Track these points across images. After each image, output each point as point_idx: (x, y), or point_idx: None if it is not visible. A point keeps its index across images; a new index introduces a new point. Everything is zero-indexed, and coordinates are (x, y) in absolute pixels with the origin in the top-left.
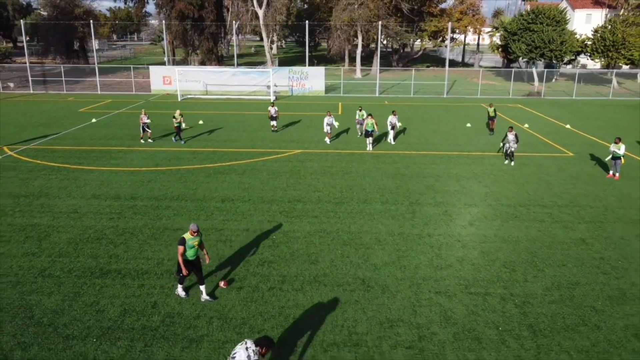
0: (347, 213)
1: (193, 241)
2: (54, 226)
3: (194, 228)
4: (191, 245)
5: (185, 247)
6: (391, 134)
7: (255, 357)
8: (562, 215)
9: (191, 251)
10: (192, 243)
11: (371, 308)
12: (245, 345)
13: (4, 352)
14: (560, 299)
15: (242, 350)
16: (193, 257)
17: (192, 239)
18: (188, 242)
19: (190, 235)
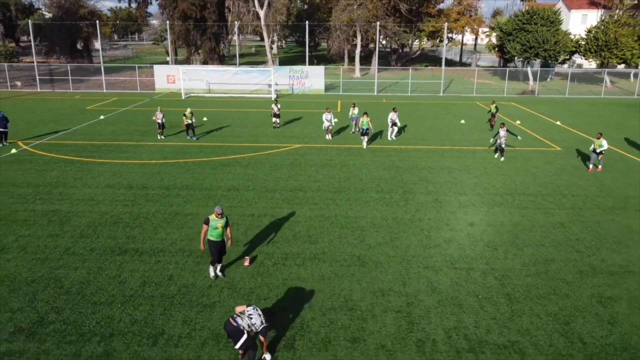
0: (344, 200)
1: (217, 222)
2: (73, 212)
3: (218, 210)
4: (215, 226)
5: (209, 227)
6: (391, 131)
7: (265, 325)
8: (545, 202)
9: (215, 232)
10: (215, 224)
11: (365, 280)
12: (258, 312)
13: (40, 315)
14: (536, 273)
15: (256, 315)
16: (218, 238)
17: (216, 221)
18: (212, 223)
19: (214, 217)
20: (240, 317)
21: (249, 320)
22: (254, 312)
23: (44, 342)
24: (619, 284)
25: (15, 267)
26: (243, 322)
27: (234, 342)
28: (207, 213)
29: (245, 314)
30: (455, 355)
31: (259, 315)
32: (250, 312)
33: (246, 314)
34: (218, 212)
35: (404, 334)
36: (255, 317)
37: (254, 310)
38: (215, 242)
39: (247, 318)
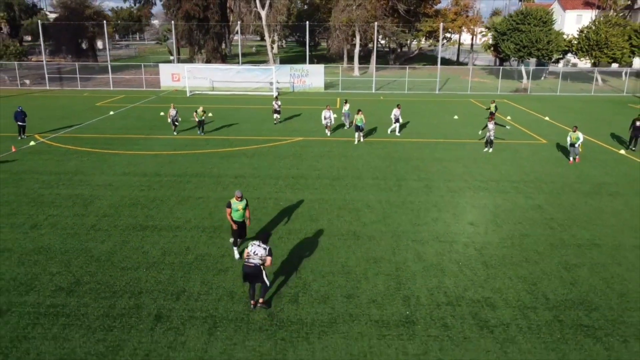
0: (342, 186)
1: (238, 205)
2: (94, 195)
3: (238, 194)
4: (236, 208)
5: (232, 209)
6: (394, 126)
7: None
8: (526, 188)
9: (236, 214)
10: (236, 207)
11: (360, 250)
12: (258, 245)
13: (76, 277)
14: (512, 245)
15: (260, 249)
16: (239, 218)
17: (237, 203)
18: (233, 206)
19: (235, 200)
20: (252, 258)
21: (257, 256)
22: (257, 248)
23: (83, 298)
24: (584, 254)
25: (49, 240)
26: (256, 260)
27: (258, 280)
28: (217, 197)
29: (252, 254)
30: (436, 307)
31: (260, 247)
32: (254, 250)
33: (252, 254)
34: (238, 195)
35: (393, 292)
36: (259, 250)
37: (256, 247)
38: (236, 222)
39: (255, 255)
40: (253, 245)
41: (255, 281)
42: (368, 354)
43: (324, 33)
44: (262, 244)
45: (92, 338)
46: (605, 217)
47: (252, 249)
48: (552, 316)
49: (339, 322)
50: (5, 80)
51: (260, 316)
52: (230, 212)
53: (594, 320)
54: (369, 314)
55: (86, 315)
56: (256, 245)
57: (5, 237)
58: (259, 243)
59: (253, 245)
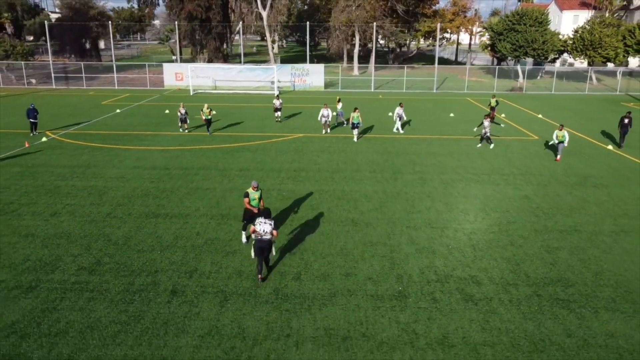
0: (341, 178)
1: (254, 194)
2: (108, 187)
3: (254, 184)
4: (253, 197)
5: (249, 199)
6: (398, 124)
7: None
8: (516, 180)
9: (253, 202)
10: (253, 196)
11: (358, 235)
12: (263, 221)
13: (97, 258)
14: (499, 231)
15: (266, 225)
16: (256, 206)
17: (254, 193)
18: (251, 195)
19: (252, 190)
20: (265, 235)
21: (267, 232)
22: (265, 226)
23: (104, 276)
24: (565, 239)
25: (69, 226)
26: (268, 236)
27: (268, 252)
28: (224, 188)
29: (261, 230)
30: (426, 283)
31: (267, 224)
32: (263, 228)
33: (261, 230)
34: (254, 185)
35: (387, 271)
36: (266, 226)
37: (264, 225)
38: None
39: (264, 232)
40: (261, 224)
41: (266, 254)
42: (364, 323)
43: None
44: (267, 220)
45: (115, 309)
46: (587, 206)
47: (261, 227)
48: (532, 291)
49: (338, 296)
50: (12, 79)
51: (267, 291)
52: (249, 201)
53: (570, 295)
54: (365, 289)
55: (108, 291)
56: (263, 223)
57: (28, 223)
58: (265, 220)
59: (261, 224)
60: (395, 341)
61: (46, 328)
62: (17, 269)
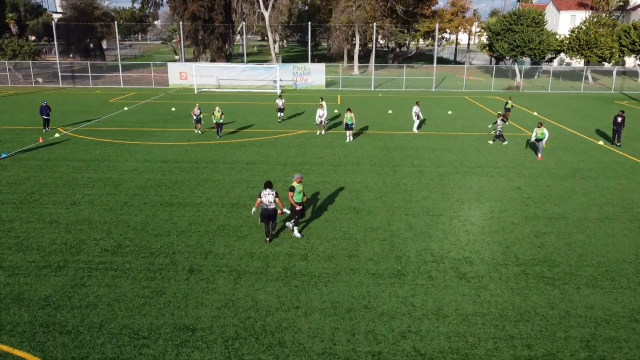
0: (343, 171)
1: (299, 187)
2: (122, 179)
3: (298, 177)
4: (298, 190)
5: (295, 192)
6: (416, 123)
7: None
8: (509, 173)
9: (298, 197)
10: (298, 189)
11: (360, 222)
12: (267, 192)
13: (118, 242)
14: (491, 218)
15: (270, 195)
16: (301, 200)
17: (298, 186)
18: (296, 189)
19: (296, 183)
20: (270, 205)
21: (270, 201)
22: (269, 197)
23: (126, 257)
24: (553, 225)
25: (89, 214)
26: (271, 205)
27: (273, 219)
28: (232, 180)
29: (266, 200)
30: (423, 264)
31: (271, 195)
32: (268, 199)
33: (267, 200)
34: (298, 178)
35: (387, 252)
36: (270, 196)
37: (268, 195)
38: (299, 203)
39: (269, 202)
40: (266, 196)
41: (271, 220)
42: (366, 296)
43: (325, 33)
44: (270, 191)
45: (139, 285)
46: (576, 196)
47: (266, 198)
48: (520, 270)
49: (342, 274)
50: (19, 78)
51: (277, 269)
52: (293, 195)
53: (555, 273)
54: (366, 268)
55: (131, 270)
56: (268, 194)
57: (50, 211)
58: (269, 191)
59: (266, 196)
60: (395, 312)
61: (77, 301)
62: (45, 251)
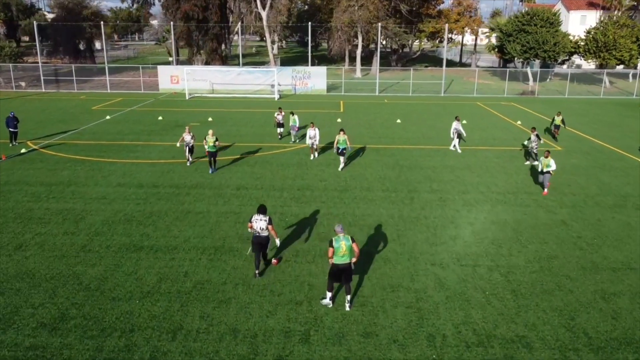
0: (351, 199)
1: (341, 242)
2: (87, 210)
3: (339, 229)
4: (338, 246)
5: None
6: (456, 141)
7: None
8: (546, 201)
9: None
10: (339, 244)
11: (375, 276)
12: (258, 218)
13: (61, 310)
14: (540, 269)
15: (262, 221)
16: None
17: (340, 240)
18: (335, 244)
19: (338, 237)
20: (262, 232)
21: (262, 228)
22: (259, 222)
23: (67, 337)
24: (621, 280)
25: (34, 263)
26: (265, 233)
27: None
28: (218, 212)
29: (258, 227)
30: (465, 349)
31: (263, 221)
32: (258, 225)
33: (259, 227)
34: (339, 230)
35: (415, 329)
36: (262, 222)
37: (258, 221)
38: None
39: (260, 229)
40: (257, 222)
41: (263, 250)
42: None
43: (325, 34)
44: (263, 217)
45: None
46: (635, 234)
47: (258, 224)
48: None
49: None
50: (0, 82)
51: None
52: (333, 252)
53: None
54: (390, 358)
55: (70, 359)
56: (260, 220)
57: None
58: (261, 217)
59: (257, 222)
60: None
61: None
62: None
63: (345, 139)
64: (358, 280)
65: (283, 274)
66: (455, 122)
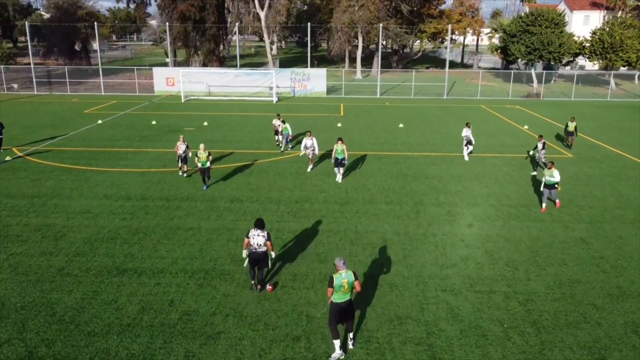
0: (353, 213)
1: (342, 279)
2: (68, 226)
3: (340, 263)
4: (340, 284)
5: (334, 287)
6: (465, 150)
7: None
8: (562, 215)
9: (337, 294)
10: (341, 281)
11: (380, 305)
12: (257, 233)
13: (29, 349)
14: (562, 297)
15: (260, 237)
16: (344, 298)
17: (341, 276)
18: (336, 281)
19: (339, 273)
20: (260, 247)
21: (260, 244)
22: (257, 237)
23: None
24: None
25: (5, 290)
26: (263, 248)
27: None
28: (210, 228)
29: (255, 243)
30: None
31: (261, 237)
32: (256, 241)
33: (256, 243)
34: (340, 265)
35: None
36: (260, 238)
37: (256, 236)
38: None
39: (258, 245)
40: (255, 237)
41: (262, 265)
42: None
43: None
44: (261, 232)
45: None
46: None
47: (255, 240)
48: None
49: None
50: None
51: None
52: (332, 292)
53: None
54: None
55: None
56: (257, 236)
57: None
58: (259, 232)
59: (255, 237)
60: None
61: None
62: None
63: (343, 148)
64: (362, 311)
65: (279, 302)
66: (465, 129)
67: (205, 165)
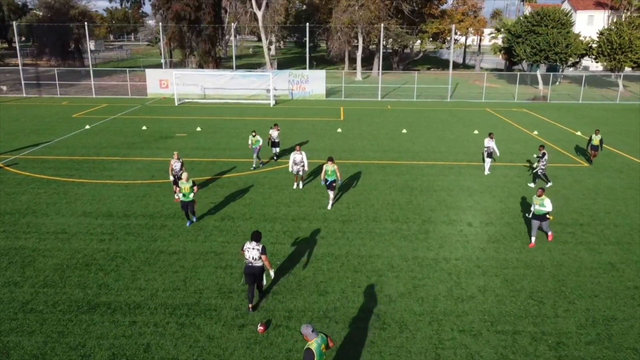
0: (355, 233)
1: (320, 346)
2: (39, 249)
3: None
4: (320, 352)
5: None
6: (487, 163)
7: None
8: (586, 235)
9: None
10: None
11: (389, 351)
12: (251, 247)
13: None
14: (598, 339)
15: (254, 251)
16: None
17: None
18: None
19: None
20: (256, 262)
21: (255, 258)
22: (252, 252)
23: None
24: None
25: None
26: (258, 263)
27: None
28: (197, 252)
29: (250, 257)
30: None
31: (255, 250)
32: (251, 254)
33: (251, 257)
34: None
35: None
36: (254, 251)
37: (250, 249)
38: None
39: (254, 260)
40: (250, 250)
41: (257, 281)
42: None
43: (324, 34)
44: (256, 245)
45: None
46: None
47: (250, 253)
48: None
49: None
50: None
51: None
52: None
53: None
54: None
55: None
56: (252, 249)
57: None
58: (254, 245)
59: (250, 250)
60: None
61: None
62: None
63: (334, 169)
64: (367, 357)
65: (271, 347)
66: (488, 139)
67: (188, 197)
